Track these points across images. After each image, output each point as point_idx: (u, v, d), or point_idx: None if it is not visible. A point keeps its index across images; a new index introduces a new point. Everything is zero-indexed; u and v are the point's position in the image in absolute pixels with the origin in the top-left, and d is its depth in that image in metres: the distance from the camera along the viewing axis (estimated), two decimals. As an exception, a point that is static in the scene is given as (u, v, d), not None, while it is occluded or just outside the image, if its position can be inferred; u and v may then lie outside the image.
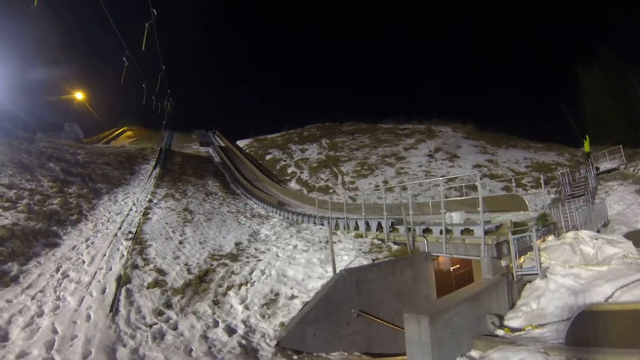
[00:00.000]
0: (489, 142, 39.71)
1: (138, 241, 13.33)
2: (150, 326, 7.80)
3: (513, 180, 24.43)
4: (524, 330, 7.66)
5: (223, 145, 52.91)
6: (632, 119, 45.26)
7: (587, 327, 5.97)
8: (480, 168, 31.20)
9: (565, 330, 6.38)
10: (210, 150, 49.43)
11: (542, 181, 18.62)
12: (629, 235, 11.30)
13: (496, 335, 7.66)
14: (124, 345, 6.95)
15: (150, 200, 20.93)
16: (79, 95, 45.21)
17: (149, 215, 17.63)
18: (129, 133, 65.37)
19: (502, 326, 8.00)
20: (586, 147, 25.43)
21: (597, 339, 5.63)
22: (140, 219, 16.59)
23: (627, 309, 5.86)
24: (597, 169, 24.08)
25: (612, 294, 7.37)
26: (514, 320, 8.16)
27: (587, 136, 25.88)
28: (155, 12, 14.22)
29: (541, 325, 7.52)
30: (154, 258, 11.81)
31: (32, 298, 8.71)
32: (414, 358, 6.76)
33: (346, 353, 8.19)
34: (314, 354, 7.78)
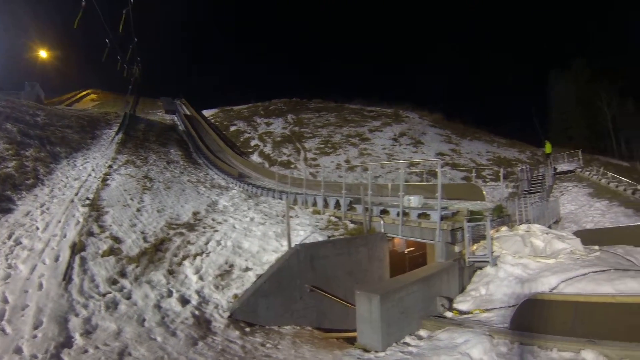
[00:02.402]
0: (454, 132, 40.07)
1: (95, 208, 13.01)
2: (104, 295, 7.69)
3: (474, 170, 24.79)
4: (472, 313, 7.92)
5: (189, 114, 51.67)
6: (594, 127, 47.19)
7: (531, 314, 6.15)
8: (443, 157, 31.49)
9: (510, 316, 6.59)
10: (176, 118, 48.16)
11: (501, 175, 19.12)
12: (577, 234, 11.72)
13: (445, 317, 7.87)
14: (77, 315, 6.84)
15: (110, 166, 20.36)
16: (43, 54, 43.25)
17: (108, 182, 17.18)
18: (93, 96, 62.80)
19: (451, 309, 8.24)
20: (547, 149, 26.29)
21: (540, 326, 5.86)
22: (98, 185, 16.18)
23: (569, 300, 6.11)
24: (555, 169, 25.06)
25: (557, 285, 7.67)
26: (463, 304, 8.42)
27: (547, 141, 26.92)
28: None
29: (488, 310, 7.79)
30: (110, 225, 11.59)
31: (-19, 265, 8.43)
32: (364, 335, 6.93)
33: (298, 327, 8.29)
34: (266, 326, 7.86)
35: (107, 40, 19.61)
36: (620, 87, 46.22)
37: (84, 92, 63.90)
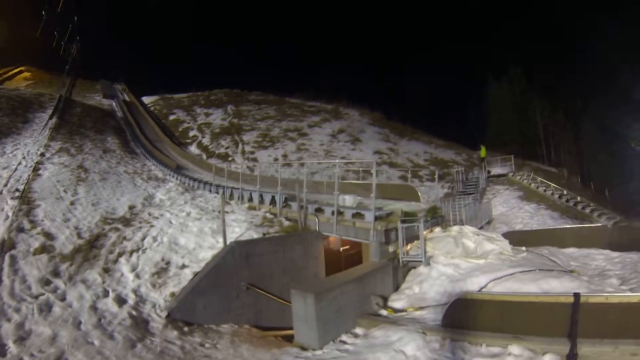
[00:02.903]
0: (393, 131, 40.44)
1: (25, 200, 12.39)
2: (37, 297, 7.44)
3: (410, 171, 25.19)
4: (406, 311, 8.14)
5: (128, 99, 49.53)
6: (527, 133, 49.63)
7: (461, 312, 6.38)
8: (380, 155, 31.79)
9: (442, 314, 6.80)
10: (114, 103, 45.95)
11: (436, 175, 19.77)
12: (507, 235, 12.32)
13: (380, 315, 8.09)
14: (9, 320, 6.59)
15: (42, 154, 19.29)
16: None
17: (40, 172, 16.31)
18: (26, 74, 58.75)
19: (385, 307, 8.46)
20: (482, 153, 27.17)
21: (470, 323, 6.15)
22: (29, 175, 15.33)
23: (497, 299, 6.42)
24: (489, 172, 26.10)
25: (486, 284, 8.06)
26: (397, 302, 8.66)
27: (482, 145, 27.79)
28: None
29: (422, 308, 8.02)
30: (42, 220, 11.10)
31: None
32: (300, 333, 7.09)
33: (236, 325, 8.36)
34: (205, 325, 7.89)
35: (43, 13, 18.30)
36: (552, 97, 49.18)
37: (17, 70, 59.81)
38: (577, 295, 5.41)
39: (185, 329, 7.44)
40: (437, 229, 11.78)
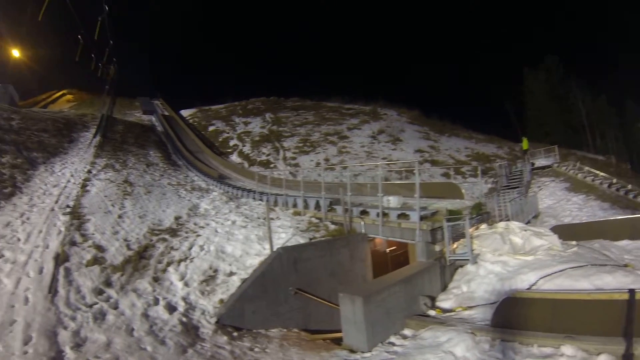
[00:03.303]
0: (432, 128, 40.17)
1: (76, 215, 12.86)
2: (91, 306, 7.70)
3: (452, 167, 25.00)
4: (455, 311, 8.02)
5: (166, 114, 50.96)
6: (569, 122, 48.20)
7: (511, 311, 6.27)
8: (421, 153, 31.60)
9: (491, 313, 6.70)
10: (154, 118, 47.38)
11: (479, 171, 19.42)
12: (555, 229, 11.95)
13: (428, 316, 7.99)
14: (65, 328, 6.84)
15: (89, 171, 20.07)
16: (16, 53, 42.12)
17: (88, 188, 16.96)
18: (68, 97, 61.41)
19: (434, 307, 8.36)
20: (524, 145, 26.73)
21: (520, 323, 6.01)
22: (78, 192, 15.97)
23: (547, 297, 6.25)
24: (533, 164, 25.47)
25: (536, 282, 7.80)
26: (445, 302, 8.54)
27: (524, 137, 27.45)
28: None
29: (470, 308, 7.90)
30: (93, 234, 11.50)
31: (-35, 281, 8.31)
32: (349, 335, 7.08)
33: (285, 329, 8.41)
34: (254, 330, 7.97)
35: (79, 38, 19.10)
36: (593, 83, 47.60)
37: (60, 93, 62.62)
38: (632, 292, 5.20)
39: (235, 334, 7.55)
40: (483, 226, 11.60)
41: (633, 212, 15.83)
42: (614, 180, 20.07)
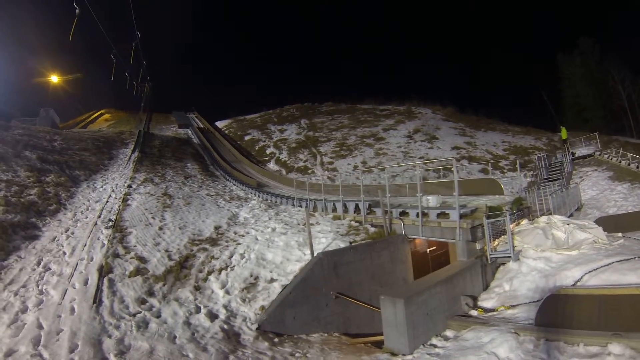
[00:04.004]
0: (468, 124, 39.83)
1: (118, 229, 13.30)
2: (134, 315, 7.92)
3: (490, 163, 24.68)
4: (497, 310, 7.91)
5: (202, 126, 52.16)
6: (609, 107, 46.57)
7: (556, 309, 6.18)
8: (458, 150, 31.35)
9: (535, 312, 6.61)
10: (189, 131, 48.59)
11: (517, 165, 19.05)
12: (599, 221, 11.64)
13: (470, 316, 7.90)
14: (109, 336, 7.06)
15: (129, 186, 20.74)
16: (54, 79, 44.00)
17: (128, 202, 17.51)
18: (106, 116, 63.64)
19: (475, 307, 8.25)
20: (563, 134, 26.06)
21: (565, 321, 5.89)
22: (119, 206, 16.49)
23: (594, 293, 6.13)
24: (573, 154, 24.84)
25: (581, 277, 7.63)
26: (487, 301, 8.45)
27: (562, 126, 26.69)
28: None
29: (513, 306, 7.78)
30: (135, 246, 11.85)
31: (15, 294, 8.70)
32: (390, 338, 7.03)
33: (325, 334, 8.44)
34: (295, 335, 8.03)
35: (112, 57, 19.74)
36: (632, 64, 45.60)
37: (98, 113, 65.05)
38: None
39: (276, 339, 7.62)
40: (524, 222, 11.41)
41: None
42: None
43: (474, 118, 43.12)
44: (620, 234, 10.24)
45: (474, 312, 8.05)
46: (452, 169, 10.72)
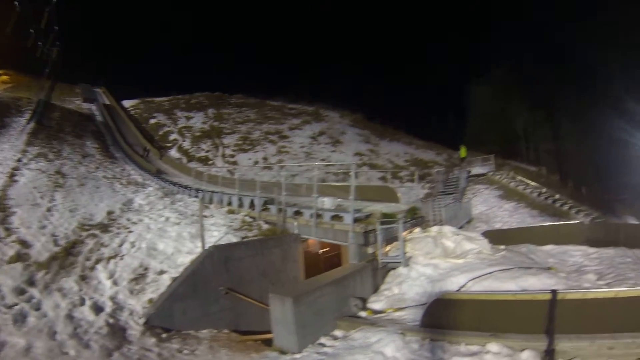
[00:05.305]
0: (373, 132, 40.56)
1: (1, 207, 12.02)
2: (11, 307, 7.17)
3: (390, 172, 25.45)
4: (385, 312, 8.12)
5: (108, 103, 48.40)
6: (508, 133, 50.28)
7: (441, 311, 6.40)
8: (361, 156, 31.88)
9: (421, 314, 6.81)
10: (94, 107, 44.88)
11: (416, 176, 19.87)
12: (486, 234, 12.47)
13: (359, 317, 8.04)
14: (-18, 331, 6.35)
15: (19, 160, 18.74)
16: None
17: (16, 177, 15.83)
18: (4, 77, 57.12)
19: (365, 308, 8.42)
20: (462, 153, 27.50)
21: (449, 323, 6.13)
22: (5, 182, 14.88)
23: (475, 298, 6.46)
24: (469, 172, 26.26)
25: (465, 283, 8.06)
26: (376, 304, 8.65)
27: (462, 145, 28.14)
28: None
29: (401, 309, 8.03)
30: (18, 228, 10.76)
31: None
32: (279, 337, 7.04)
33: (215, 330, 8.23)
34: (183, 331, 7.75)
35: (16, 4, 17.13)
36: (532, 97, 49.86)
37: (-6, 72, 58.37)
38: (554, 292, 5.45)
39: (164, 335, 7.31)
40: (417, 230, 11.81)
41: (559, 220, 17.03)
42: (544, 190, 21.31)
43: (380, 127, 43.98)
44: (503, 247, 11.01)
45: (363, 314, 8.20)
46: (350, 173, 10.88)
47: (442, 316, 6.34)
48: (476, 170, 26.98)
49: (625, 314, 5.18)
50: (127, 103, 51.51)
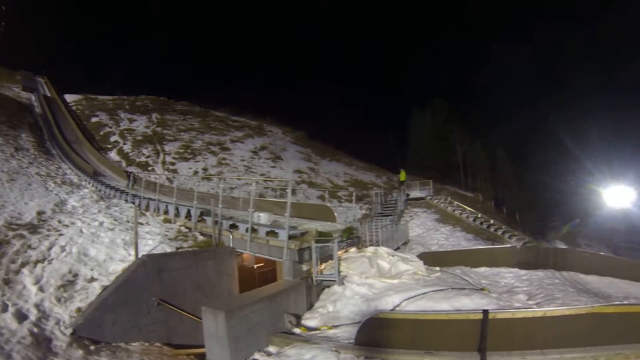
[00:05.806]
0: (315, 151, 40.95)
1: None
2: None
3: (328, 191, 25.58)
4: (320, 330, 8.13)
5: (49, 95, 45.97)
6: (447, 160, 52.88)
7: (375, 330, 6.51)
8: (300, 174, 31.95)
9: (356, 332, 6.88)
10: (33, 98, 42.48)
11: (354, 197, 20.16)
12: (422, 256, 12.90)
13: (293, 333, 8.01)
14: None
15: (-56, 150, 17.51)
16: None
17: (-60, 169, 14.75)
18: None
19: (299, 325, 8.41)
20: (402, 176, 28.01)
21: (384, 341, 6.28)
22: None
23: (410, 317, 6.62)
24: (408, 195, 27.04)
25: (400, 303, 8.26)
26: (310, 321, 8.67)
27: (402, 169, 28.73)
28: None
29: (335, 327, 8.08)
30: None
31: None
32: (212, 351, 6.93)
33: (147, 343, 7.97)
34: (113, 343, 7.44)
35: None
36: (471, 128, 52.85)
37: None
38: (485, 312, 5.72)
39: (92, 347, 6.97)
40: (353, 250, 12.02)
41: (493, 243, 17.84)
42: (479, 215, 22.23)
43: (322, 146, 44.55)
44: (438, 268, 11.38)
45: (297, 330, 8.18)
46: (287, 190, 10.95)
47: (377, 335, 6.48)
48: (415, 194, 27.80)
49: (554, 331, 5.54)
50: (69, 97, 49.05)
